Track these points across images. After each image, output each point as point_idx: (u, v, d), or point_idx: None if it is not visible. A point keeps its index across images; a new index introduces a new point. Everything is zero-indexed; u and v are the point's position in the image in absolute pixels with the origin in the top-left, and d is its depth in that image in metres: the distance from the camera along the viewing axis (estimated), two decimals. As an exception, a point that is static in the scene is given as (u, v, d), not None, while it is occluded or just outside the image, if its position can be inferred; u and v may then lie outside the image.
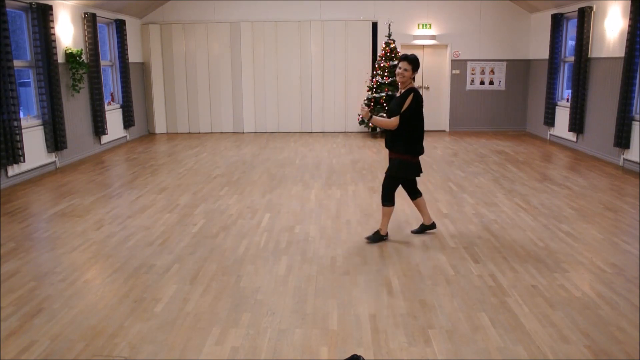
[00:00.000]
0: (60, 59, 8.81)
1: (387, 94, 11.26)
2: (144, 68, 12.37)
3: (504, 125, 12.58)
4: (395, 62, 11.31)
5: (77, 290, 4.06)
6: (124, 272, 4.40)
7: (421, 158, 9.19)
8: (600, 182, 7.40)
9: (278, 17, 12.17)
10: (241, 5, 12.15)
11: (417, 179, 5.18)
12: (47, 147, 8.35)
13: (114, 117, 10.78)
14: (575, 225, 5.49)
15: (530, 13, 12.05)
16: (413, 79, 4.77)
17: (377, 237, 5.05)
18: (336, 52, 12.22)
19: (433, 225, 5.30)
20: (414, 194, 5.17)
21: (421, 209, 5.21)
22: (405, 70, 4.68)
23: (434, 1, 12.07)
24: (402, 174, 4.95)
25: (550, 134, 11.17)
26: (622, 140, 8.25)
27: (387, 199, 4.99)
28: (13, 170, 7.51)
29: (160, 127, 12.62)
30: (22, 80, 8.37)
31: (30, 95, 8.41)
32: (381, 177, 7.76)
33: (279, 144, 10.98)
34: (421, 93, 4.67)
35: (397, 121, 4.71)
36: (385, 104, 11.25)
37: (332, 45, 12.20)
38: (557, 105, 10.86)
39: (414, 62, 4.69)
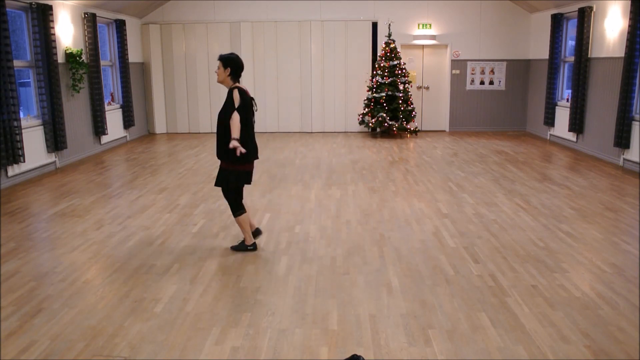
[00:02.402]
0: (60, 59, 8.81)
1: (387, 94, 11.26)
2: (144, 68, 12.37)
3: (504, 125, 12.58)
4: (395, 62, 11.32)
5: (77, 290, 4.06)
6: (124, 272, 4.40)
7: (422, 158, 9.30)
8: (600, 182, 7.40)
9: (278, 17, 12.17)
10: (241, 5, 12.15)
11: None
12: (47, 147, 8.35)
13: (114, 117, 10.78)
14: (575, 225, 5.49)
15: (530, 13, 12.05)
16: (234, 79, 4.57)
17: (242, 247, 4.84)
18: (336, 52, 12.22)
19: (259, 231, 5.01)
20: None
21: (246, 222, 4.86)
22: (218, 68, 4.55)
23: (434, 1, 12.07)
24: (235, 183, 4.67)
25: (550, 134, 11.17)
26: (622, 140, 8.25)
27: (237, 209, 4.72)
28: (13, 170, 7.51)
29: (160, 127, 12.62)
30: (22, 80, 8.38)
31: (30, 95, 8.41)
32: (381, 176, 7.78)
33: (279, 144, 10.98)
34: (249, 95, 4.60)
35: (237, 116, 4.42)
36: (385, 104, 11.27)
37: (332, 45, 12.21)
38: (557, 105, 10.86)
39: (225, 61, 4.50)
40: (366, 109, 11.58)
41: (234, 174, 4.63)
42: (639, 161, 7.99)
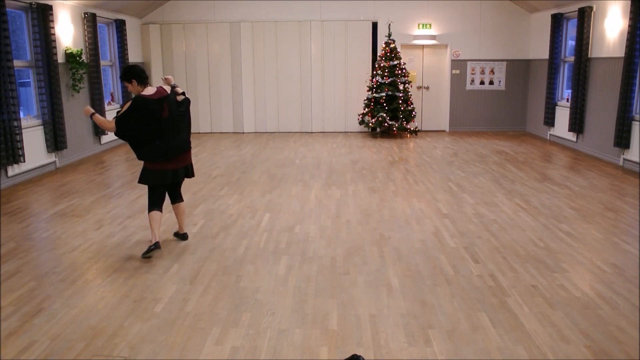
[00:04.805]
0: (60, 59, 8.81)
1: (387, 94, 11.26)
2: (144, 68, 12.34)
3: (504, 125, 12.58)
4: (395, 62, 11.32)
5: (77, 290, 4.06)
6: (124, 272, 4.40)
7: (422, 158, 9.30)
8: (600, 182, 7.40)
9: (278, 17, 12.17)
10: (241, 5, 12.15)
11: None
12: (47, 147, 8.35)
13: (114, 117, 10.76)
14: (575, 225, 5.49)
15: (530, 13, 12.05)
16: (142, 85, 4.64)
17: (149, 248, 4.80)
18: (336, 52, 12.22)
19: (184, 237, 5.16)
20: (174, 199, 5.07)
21: (178, 216, 5.11)
22: (126, 86, 4.68)
23: (434, 1, 12.07)
24: (145, 181, 4.82)
25: (550, 134, 11.17)
26: (622, 140, 8.25)
27: (150, 206, 4.83)
28: (13, 170, 7.51)
29: (160, 127, 12.60)
30: (22, 80, 8.38)
31: (30, 95, 8.42)
32: (381, 176, 7.78)
33: (279, 144, 10.98)
34: (154, 98, 4.66)
35: (113, 124, 4.60)
36: (385, 104, 11.27)
37: (332, 45, 12.21)
38: (557, 105, 10.86)
39: (126, 76, 4.61)
40: (366, 109, 11.58)
41: (147, 172, 4.79)
42: (639, 161, 7.99)
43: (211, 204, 6.40)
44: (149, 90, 4.67)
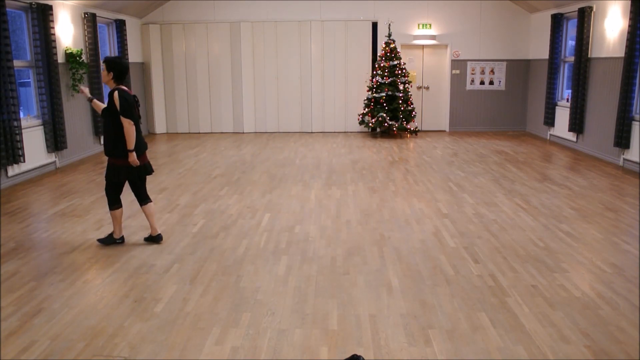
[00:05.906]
0: (60, 59, 8.81)
1: (387, 94, 11.26)
2: (144, 68, 12.36)
3: (504, 125, 12.58)
4: (395, 62, 11.32)
5: (77, 290, 4.06)
6: (124, 272, 4.40)
7: (422, 158, 9.30)
8: (600, 182, 7.40)
9: (278, 17, 12.17)
10: (241, 5, 12.15)
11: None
12: (47, 147, 8.35)
13: (114, 117, 10.76)
14: (575, 225, 5.49)
15: (530, 13, 12.05)
16: (117, 81, 4.71)
17: (109, 240, 5.03)
18: (336, 52, 12.22)
19: (159, 238, 5.08)
20: (142, 199, 5.03)
21: (149, 217, 5.05)
22: (103, 70, 4.72)
23: (434, 1, 12.08)
24: (112, 178, 4.85)
25: (550, 134, 11.17)
26: (622, 140, 8.25)
27: (114, 204, 4.94)
28: (13, 170, 7.51)
29: (160, 127, 12.62)
30: (22, 80, 8.37)
31: (30, 95, 8.41)
32: (381, 176, 7.78)
33: (279, 144, 10.98)
34: (131, 94, 4.80)
35: (129, 124, 4.64)
36: (385, 104, 11.27)
37: (332, 45, 12.21)
38: (557, 105, 10.86)
39: (108, 63, 4.68)
40: (366, 109, 11.58)
41: (125, 170, 4.82)
42: (639, 161, 7.99)
43: (211, 204, 6.40)
44: (124, 87, 4.81)
